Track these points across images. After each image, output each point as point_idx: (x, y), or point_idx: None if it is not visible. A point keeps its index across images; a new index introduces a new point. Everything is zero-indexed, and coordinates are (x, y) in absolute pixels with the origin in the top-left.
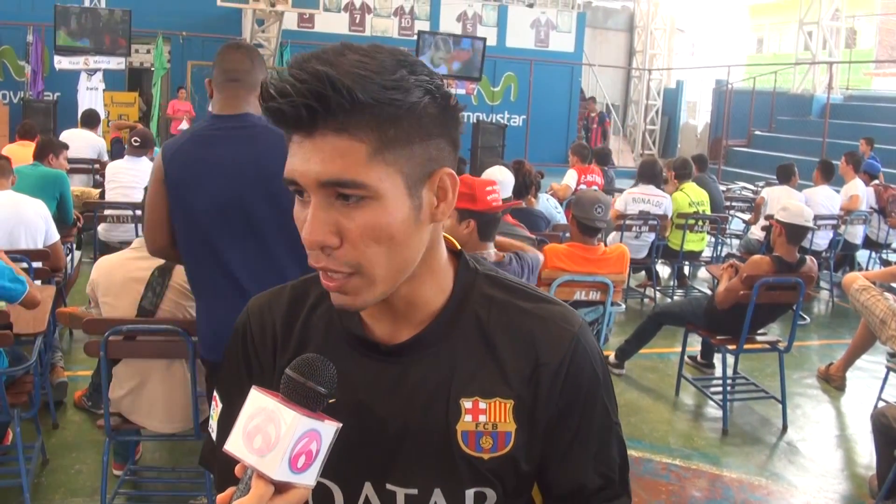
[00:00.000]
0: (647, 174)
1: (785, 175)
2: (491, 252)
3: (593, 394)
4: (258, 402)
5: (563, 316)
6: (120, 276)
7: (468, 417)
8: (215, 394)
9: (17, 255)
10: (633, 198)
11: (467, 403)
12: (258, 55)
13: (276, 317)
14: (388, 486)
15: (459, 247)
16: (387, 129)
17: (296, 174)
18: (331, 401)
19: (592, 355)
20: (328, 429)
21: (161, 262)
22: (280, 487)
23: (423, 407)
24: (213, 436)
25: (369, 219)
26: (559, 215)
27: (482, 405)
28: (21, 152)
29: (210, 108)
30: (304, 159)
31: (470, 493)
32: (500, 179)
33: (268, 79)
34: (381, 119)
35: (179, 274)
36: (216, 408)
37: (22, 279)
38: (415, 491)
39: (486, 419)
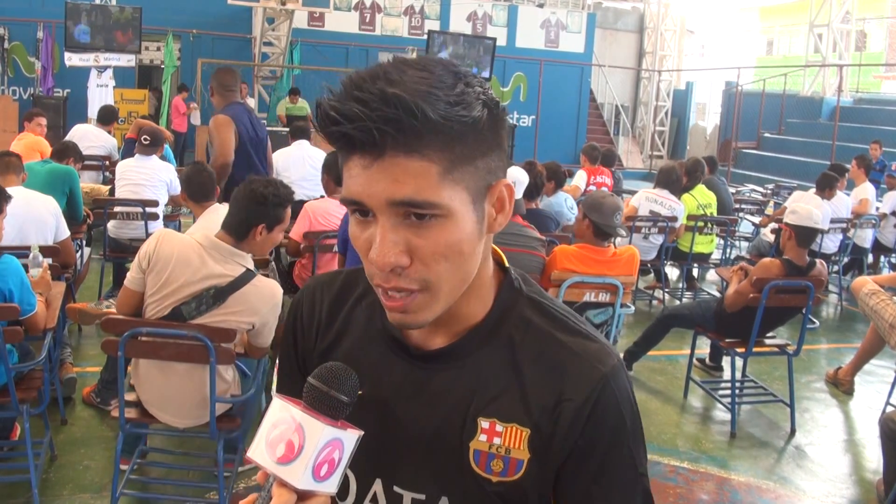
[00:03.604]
0: (664, 179)
1: (824, 184)
2: None
3: (618, 439)
4: (281, 411)
5: (597, 354)
6: (192, 272)
7: (483, 437)
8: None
9: (26, 251)
10: (647, 197)
11: (484, 423)
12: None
13: (325, 301)
14: (396, 489)
15: (507, 263)
16: (454, 146)
17: (363, 196)
18: (358, 392)
19: (622, 399)
20: (350, 437)
21: (224, 282)
22: (302, 495)
23: (441, 417)
24: (275, 388)
25: (441, 237)
26: (573, 214)
27: (499, 428)
28: (19, 146)
29: (217, 99)
30: (371, 181)
31: None
32: (518, 178)
33: (325, 102)
34: (449, 137)
35: (235, 302)
36: (277, 364)
37: (33, 301)
38: (422, 496)
39: (501, 442)
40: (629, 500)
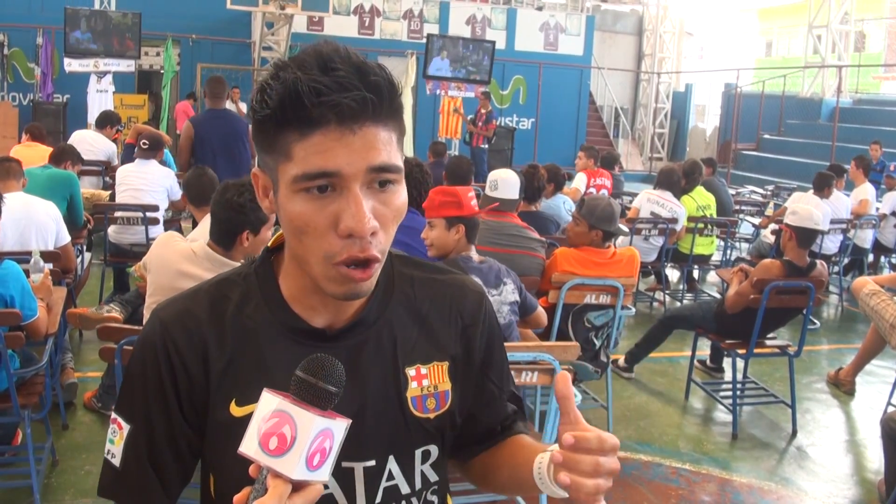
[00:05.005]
0: (665, 181)
1: (821, 184)
2: (473, 254)
3: (500, 342)
4: (271, 405)
5: (470, 281)
6: (183, 280)
7: (414, 384)
8: (116, 416)
9: (26, 257)
10: (649, 198)
11: (411, 372)
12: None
13: (201, 325)
14: (345, 464)
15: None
16: (399, 119)
17: (341, 165)
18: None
19: (494, 310)
20: (340, 425)
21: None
22: (296, 485)
23: (377, 382)
24: (116, 462)
25: (396, 201)
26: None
27: (423, 371)
28: (27, 153)
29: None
30: (350, 150)
31: (418, 453)
32: (504, 178)
33: (303, 78)
34: (395, 110)
35: None
36: (118, 430)
37: (34, 306)
38: (372, 462)
39: (429, 382)
40: (511, 384)
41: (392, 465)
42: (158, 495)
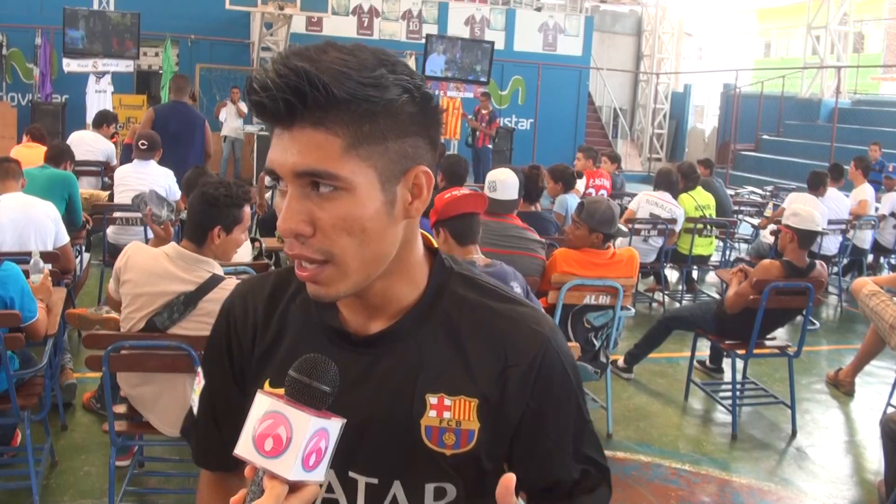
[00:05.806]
0: (664, 182)
1: (815, 183)
2: (476, 257)
3: (566, 395)
4: (266, 406)
5: (534, 318)
6: (159, 283)
7: (433, 413)
8: (199, 370)
9: (26, 258)
10: (647, 199)
11: (433, 399)
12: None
13: (258, 304)
14: (351, 474)
15: (436, 244)
16: (362, 124)
17: (274, 164)
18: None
19: (564, 357)
20: (335, 425)
21: (191, 288)
22: (293, 486)
23: (389, 398)
24: (195, 409)
25: (341, 210)
26: None
27: (447, 402)
28: (29, 154)
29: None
30: (282, 150)
31: (430, 488)
32: (503, 179)
33: (253, 73)
34: (356, 115)
35: (206, 306)
36: (199, 382)
37: (34, 307)
38: (375, 480)
39: (451, 416)
40: (582, 445)
41: (398, 489)
42: (220, 451)
